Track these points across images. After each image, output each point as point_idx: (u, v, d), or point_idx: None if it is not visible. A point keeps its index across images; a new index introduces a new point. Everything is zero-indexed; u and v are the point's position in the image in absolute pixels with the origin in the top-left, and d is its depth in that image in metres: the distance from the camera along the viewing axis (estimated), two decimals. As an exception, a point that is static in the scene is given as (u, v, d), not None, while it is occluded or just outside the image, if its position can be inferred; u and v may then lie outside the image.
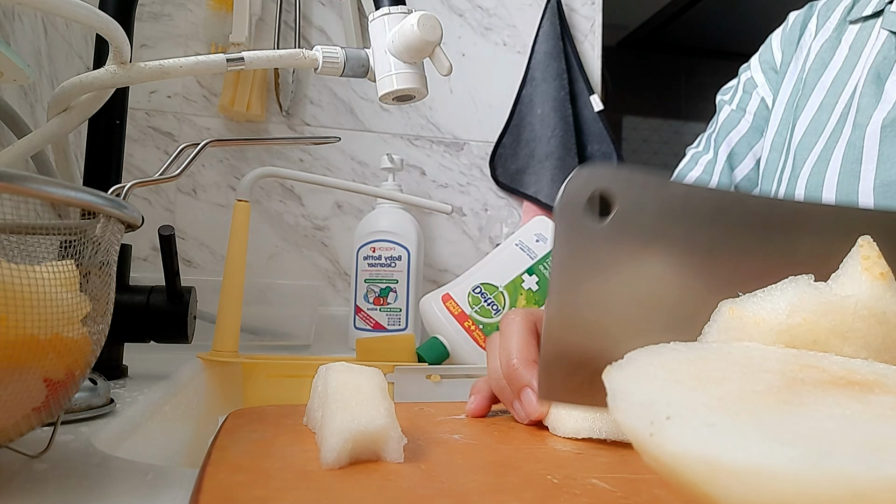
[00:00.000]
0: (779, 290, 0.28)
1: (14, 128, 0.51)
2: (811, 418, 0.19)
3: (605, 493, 0.27)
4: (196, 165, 1.06)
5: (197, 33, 1.08)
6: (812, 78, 0.70)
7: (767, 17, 0.84)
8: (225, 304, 0.68)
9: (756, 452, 0.17)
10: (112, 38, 0.39)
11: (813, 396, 0.20)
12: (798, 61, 0.74)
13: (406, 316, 0.95)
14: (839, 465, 0.16)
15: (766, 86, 0.78)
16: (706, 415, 0.20)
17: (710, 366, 0.24)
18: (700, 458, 0.18)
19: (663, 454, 0.19)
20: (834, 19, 0.71)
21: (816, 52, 0.70)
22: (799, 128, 0.69)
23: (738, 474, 0.18)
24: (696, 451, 0.18)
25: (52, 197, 0.25)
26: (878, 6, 0.66)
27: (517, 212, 1.19)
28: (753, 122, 0.78)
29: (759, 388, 0.21)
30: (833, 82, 0.67)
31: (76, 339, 0.27)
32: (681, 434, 0.19)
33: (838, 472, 0.16)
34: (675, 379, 0.23)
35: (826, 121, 0.66)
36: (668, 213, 0.30)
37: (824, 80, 0.68)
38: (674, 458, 0.19)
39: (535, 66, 1.19)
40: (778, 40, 0.78)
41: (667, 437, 0.19)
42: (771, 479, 0.17)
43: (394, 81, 0.46)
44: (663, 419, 0.20)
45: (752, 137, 0.77)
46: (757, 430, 0.18)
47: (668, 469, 0.20)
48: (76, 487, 0.27)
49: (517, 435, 0.38)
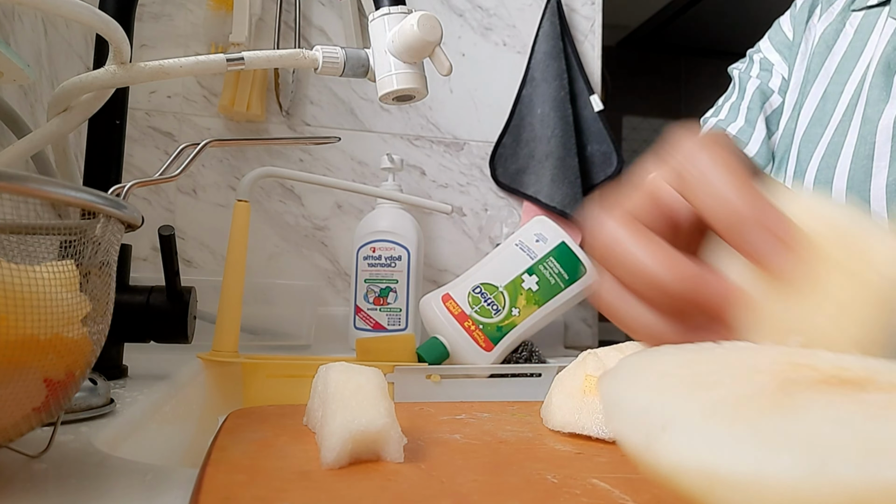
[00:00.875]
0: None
1: (14, 128, 0.51)
2: (806, 423, 0.19)
3: (605, 493, 0.27)
4: (196, 165, 1.06)
5: (197, 33, 1.08)
6: (816, 63, 0.68)
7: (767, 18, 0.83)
8: (225, 304, 0.68)
9: (752, 461, 0.17)
10: (112, 38, 0.40)
11: (806, 398, 0.20)
12: (807, 42, 0.72)
13: (406, 316, 0.95)
14: (837, 472, 0.16)
15: (782, 63, 0.75)
16: (701, 422, 0.19)
17: (702, 369, 0.24)
18: (697, 469, 0.18)
19: (659, 466, 0.19)
20: (837, 6, 0.70)
21: (820, 35, 0.69)
22: (803, 117, 0.67)
23: (735, 484, 0.18)
24: (692, 462, 0.18)
25: (52, 197, 0.25)
26: None
27: (517, 212, 1.19)
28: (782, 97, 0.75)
29: (751, 391, 0.21)
30: (837, 70, 0.66)
31: (76, 339, 0.27)
32: (676, 445, 0.19)
33: (837, 478, 0.16)
34: (668, 385, 0.22)
35: (832, 111, 0.65)
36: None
37: (828, 66, 0.67)
38: (670, 469, 0.19)
39: (535, 66, 1.19)
40: (787, 21, 0.77)
41: (662, 449, 0.19)
42: (769, 489, 0.17)
43: (394, 81, 0.46)
44: (658, 430, 0.20)
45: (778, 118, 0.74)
46: (752, 437, 0.18)
47: (665, 479, 0.20)
48: (76, 487, 0.27)
49: (517, 435, 0.38)
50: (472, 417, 0.42)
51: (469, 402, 0.47)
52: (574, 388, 0.40)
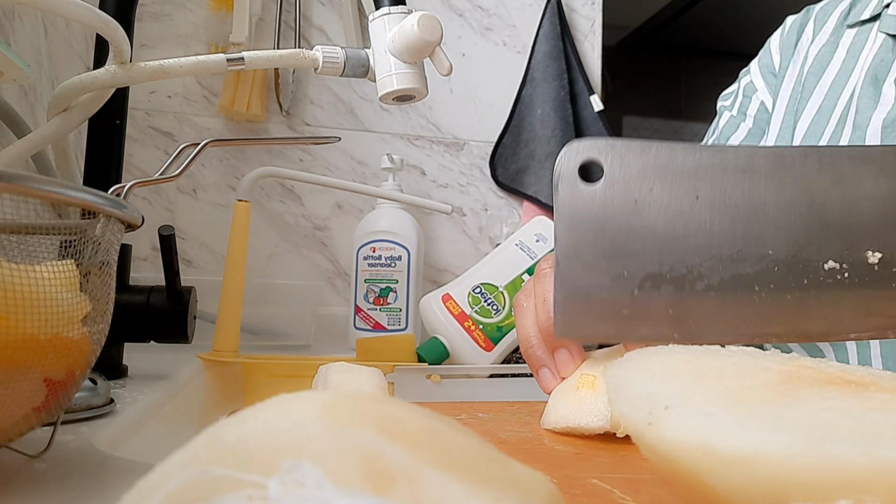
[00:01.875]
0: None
1: (14, 128, 0.51)
2: (808, 410, 0.19)
3: (605, 493, 0.27)
4: (196, 165, 1.06)
5: (197, 33, 1.08)
6: (811, 81, 0.70)
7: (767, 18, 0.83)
8: (225, 304, 0.68)
9: (753, 439, 0.18)
10: (112, 38, 0.39)
11: (810, 392, 0.21)
12: (796, 65, 0.74)
13: (406, 316, 0.95)
14: (835, 451, 0.16)
15: (765, 90, 0.78)
16: (704, 405, 0.20)
17: (708, 363, 0.24)
18: (697, 446, 0.18)
19: (661, 443, 0.20)
20: (831, 23, 0.72)
21: (815, 56, 0.71)
22: (799, 131, 0.69)
23: (735, 461, 0.18)
24: (693, 439, 0.19)
25: (52, 197, 0.25)
26: (876, 10, 0.66)
27: (517, 212, 1.19)
28: (753, 125, 0.78)
29: (756, 383, 0.21)
30: (832, 86, 0.68)
31: (76, 339, 0.27)
32: (679, 422, 0.19)
33: (834, 457, 0.16)
34: (674, 374, 0.23)
35: (826, 123, 0.67)
36: (653, 171, 0.35)
37: (823, 83, 0.69)
38: (672, 446, 0.19)
39: (535, 66, 1.19)
40: (776, 44, 0.79)
41: (665, 426, 0.20)
42: (768, 466, 0.17)
43: (394, 81, 0.46)
44: (662, 409, 0.20)
45: (751, 141, 0.77)
46: (754, 418, 0.18)
47: (665, 458, 0.20)
48: (76, 487, 0.27)
49: (517, 435, 0.38)
50: (472, 417, 0.42)
51: (469, 402, 0.47)
52: (568, 387, 0.40)
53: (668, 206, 0.35)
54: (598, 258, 0.35)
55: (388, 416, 0.15)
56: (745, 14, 2.23)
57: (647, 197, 0.35)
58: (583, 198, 0.35)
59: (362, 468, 0.13)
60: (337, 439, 0.14)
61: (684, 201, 0.35)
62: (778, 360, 0.25)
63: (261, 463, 0.13)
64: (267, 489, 0.13)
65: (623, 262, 0.35)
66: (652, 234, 0.35)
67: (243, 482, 0.13)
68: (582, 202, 0.35)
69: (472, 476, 0.14)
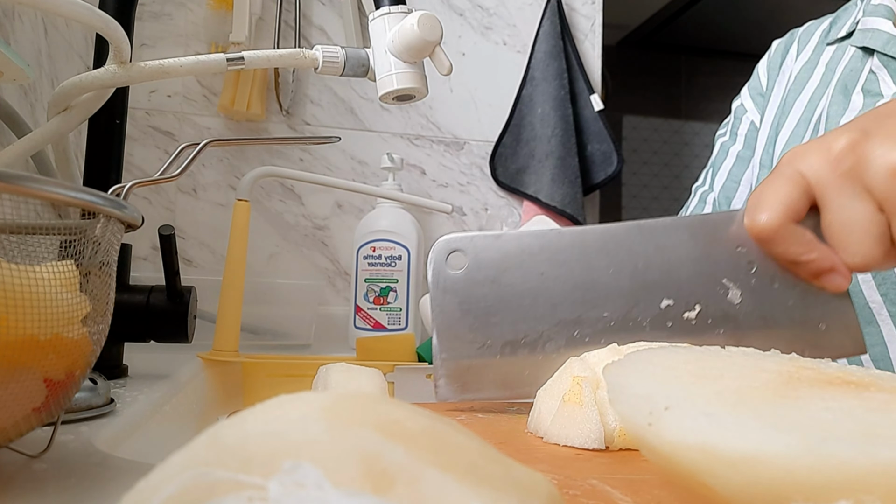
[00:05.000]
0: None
1: (14, 128, 0.51)
2: (808, 410, 0.19)
3: (604, 493, 0.27)
4: (196, 165, 1.06)
5: (197, 33, 1.08)
6: (791, 97, 0.73)
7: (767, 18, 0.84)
8: (225, 303, 0.68)
9: (753, 439, 0.18)
10: (112, 37, 0.39)
11: (810, 392, 0.21)
12: (780, 84, 0.78)
13: (406, 315, 0.95)
14: (835, 451, 0.16)
15: (754, 110, 0.81)
16: (704, 405, 0.20)
17: (708, 364, 0.24)
18: (698, 447, 0.18)
19: (661, 444, 0.20)
20: (813, 42, 0.76)
21: (796, 74, 0.75)
22: (779, 144, 0.72)
23: (735, 462, 0.18)
24: (693, 439, 0.19)
25: (52, 197, 0.25)
26: (851, 27, 0.71)
27: (517, 211, 1.19)
28: (743, 146, 0.80)
29: (756, 384, 0.21)
30: (810, 99, 0.71)
31: (76, 339, 0.27)
32: (679, 423, 0.19)
33: (834, 457, 0.16)
34: (674, 375, 0.23)
35: (803, 134, 0.70)
36: (505, 256, 0.43)
37: (802, 97, 0.72)
38: (672, 447, 0.19)
39: (535, 65, 1.19)
40: (763, 67, 0.82)
41: (665, 427, 0.19)
42: (767, 466, 0.17)
43: (394, 81, 0.46)
44: (662, 409, 0.20)
45: (741, 167, 0.80)
46: (754, 419, 0.18)
47: (665, 459, 0.20)
48: (76, 487, 0.27)
49: (517, 435, 0.38)
50: (472, 418, 0.42)
51: (469, 402, 0.46)
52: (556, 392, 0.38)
53: (519, 284, 0.42)
54: (466, 331, 0.42)
55: (388, 416, 0.15)
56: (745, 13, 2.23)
57: (501, 277, 0.42)
58: (452, 281, 0.42)
59: (362, 469, 0.13)
60: (337, 440, 0.14)
61: (531, 278, 0.42)
62: (778, 360, 0.25)
63: (261, 464, 0.13)
64: (267, 490, 0.13)
65: (486, 333, 0.42)
66: (507, 308, 0.42)
67: (243, 483, 0.13)
68: (451, 285, 0.42)
69: (472, 476, 0.14)
